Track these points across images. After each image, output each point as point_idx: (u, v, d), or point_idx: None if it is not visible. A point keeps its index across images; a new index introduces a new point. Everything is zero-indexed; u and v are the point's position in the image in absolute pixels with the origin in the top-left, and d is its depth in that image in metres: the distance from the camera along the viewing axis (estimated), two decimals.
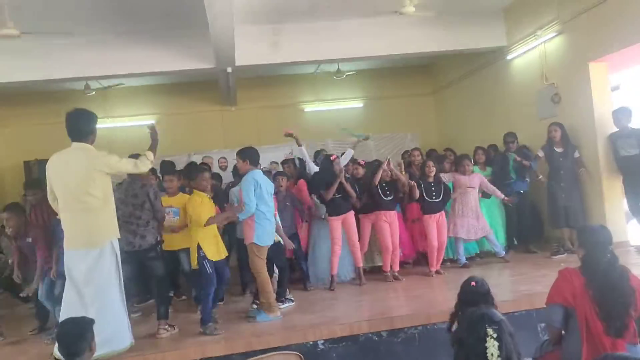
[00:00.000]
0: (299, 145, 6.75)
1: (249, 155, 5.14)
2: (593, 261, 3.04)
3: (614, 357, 1.46)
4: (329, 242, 6.29)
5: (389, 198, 6.36)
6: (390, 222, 6.37)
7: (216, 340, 4.53)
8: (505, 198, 6.82)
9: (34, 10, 6.42)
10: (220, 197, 6.33)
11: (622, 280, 2.96)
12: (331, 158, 6.34)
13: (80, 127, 4.37)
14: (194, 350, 4.40)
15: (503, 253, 6.85)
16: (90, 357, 2.84)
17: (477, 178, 6.83)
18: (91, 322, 2.99)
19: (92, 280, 4.16)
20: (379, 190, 6.30)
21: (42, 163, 5.72)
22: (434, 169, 6.55)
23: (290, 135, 6.57)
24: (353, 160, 6.85)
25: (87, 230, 4.18)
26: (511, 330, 2.06)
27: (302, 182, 6.77)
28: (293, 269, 6.52)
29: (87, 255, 4.16)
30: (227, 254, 5.21)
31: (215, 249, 4.91)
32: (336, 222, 6.21)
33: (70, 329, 2.90)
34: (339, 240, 6.23)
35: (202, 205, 4.91)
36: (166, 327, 4.85)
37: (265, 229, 5.04)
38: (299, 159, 7.23)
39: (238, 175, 6.16)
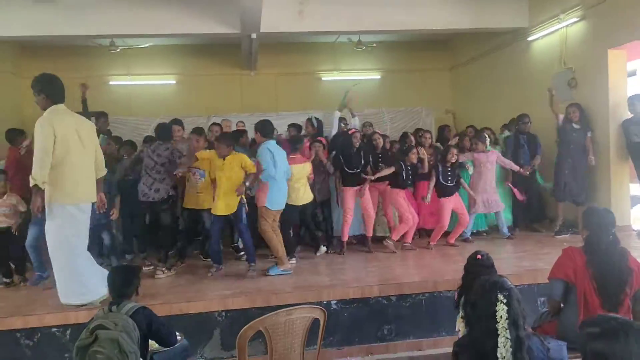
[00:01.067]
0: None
1: (260, 127, 5.70)
2: (595, 242, 3.29)
3: (605, 317, 1.70)
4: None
5: (409, 182, 6.63)
6: (404, 197, 6.64)
7: (237, 295, 4.86)
8: (521, 170, 7.04)
9: None
10: None
11: (622, 261, 3.22)
12: (349, 132, 6.58)
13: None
14: (216, 302, 4.73)
15: (508, 234, 7.09)
16: (135, 299, 3.14)
17: (494, 155, 7.05)
18: (136, 269, 3.31)
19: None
20: (403, 172, 6.51)
21: None
22: (457, 157, 6.75)
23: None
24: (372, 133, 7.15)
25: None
26: (519, 297, 2.33)
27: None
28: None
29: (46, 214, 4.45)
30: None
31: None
32: (351, 192, 6.48)
33: (118, 275, 3.20)
34: (351, 210, 6.51)
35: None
36: (163, 269, 5.62)
37: (274, 195, 5.49)
38: (316, 119, 7.50)
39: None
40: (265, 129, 5.69)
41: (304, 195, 6.16)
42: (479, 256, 3.40)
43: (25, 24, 7.52)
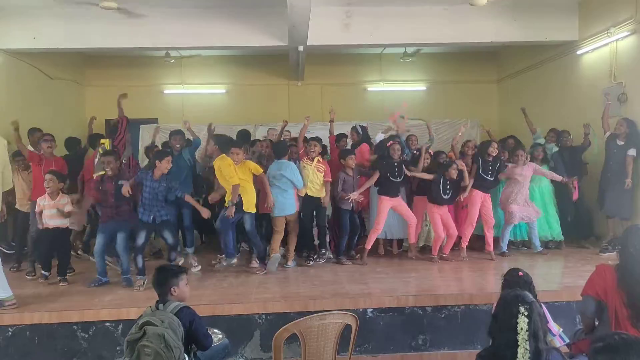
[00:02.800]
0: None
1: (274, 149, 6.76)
2: (627, 257, 3.30)
3: (611, 333, 1.76)
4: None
5: (447, 196, 6.66)
6: (442, 214, 6.71)
7: (277, 299, 5.07)
8: (564, 179, 6.97)
9: None
10: None
11: None
12: (387, 144, 6.72)
13: None
14: (257, 305, 4.96)
15: (540, 249, 7.02)
16: (174, 299, 3.32)
17: (529, 169, 6.97)
18: (175, 270, 3.46)
19: None
20: (441, 186, 6.60)
21: None
22: (498, 151, 6.85)
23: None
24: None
25: None
26: (540, 311, 2.42)
27: (364, 146, 7.26)
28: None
29: None
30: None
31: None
32: (385, 202, 6.59)
33: (157, 275, 3.39)
34: (383, 220, 6.62)
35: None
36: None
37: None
38: (361, 126, 7.71)
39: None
40: (277, 150, 6.58)
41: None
42: (520, 273, 3.46)
43: (89, 37, 8.06)
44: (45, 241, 5.87)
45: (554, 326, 3.58)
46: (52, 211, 5.77)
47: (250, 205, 6.15)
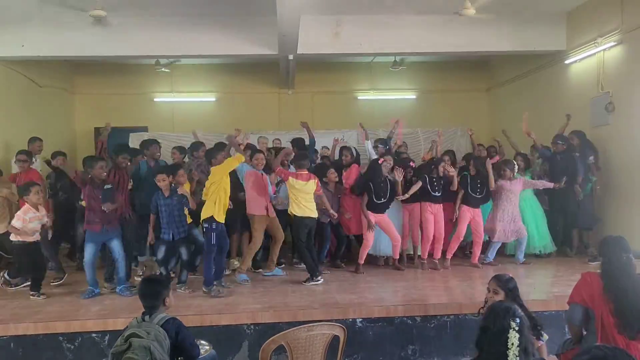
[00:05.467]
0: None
1: None
2: (610, 268, 3.32)
3: (596, 346, 1.76)
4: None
5: (437, 194, 6.69)
6: (435, 213, 6.71)
7: (265, 309, 5.03)
8: (555, 185, 6.94)
9: None
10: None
11: (638, 286, 3.23)
12: (379, 161, 6.68)
13: None
14: (245, 316, 4.92)
15: (522, 260, 7.01)
16: (164, 310, 3.30)
17: (519, 184, 6.92)
18: (164, 280, 3.46)
19: None
20: (428, 184, 6.63)
21: (112, 130, 6.46)
22: (446, 170, 6.84)
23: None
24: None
25: None
26: (528, 324, 2.42)
27: (354, 167, 7.21)
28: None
29: None
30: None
31: None
32: (370, 217, 6.54)
33: (148, 286, 3.33)
34: (373, 234, 6.59)
35: None
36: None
37: None
38: (355, 149, 7.67)
39: None
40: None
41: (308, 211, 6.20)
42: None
43: (78, 45, 8.01)
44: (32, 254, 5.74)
45: None
46: (36, 223, 5.69)
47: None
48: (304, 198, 6.11)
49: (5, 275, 6.18)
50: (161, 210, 5.78)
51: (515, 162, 7.11)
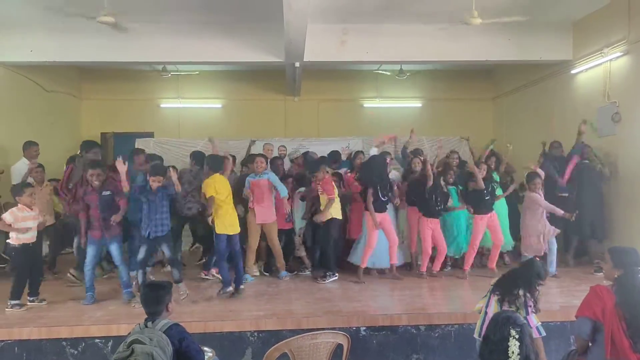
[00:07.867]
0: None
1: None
2: (629, 282, 3.25)
3: None
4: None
5: (439, 207, 6.68)
6: (433, 229, 6.69)
7: (269, 316, 5.02)
8: (566, 214, 6.58)
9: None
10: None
11: None
12: (387, 161, 6.72)
13: None
14: (249, 323, 4.91)
15: (555, 272, 6.78)
16: (167, 315, 3.30)
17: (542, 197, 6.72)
18: (167, 286, 3.42)
19: None
20: (434, 199, 6.60)
21: (118, 135, 6.51)
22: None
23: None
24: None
25: None
26: (531, 333, 2.40)
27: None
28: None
29: None
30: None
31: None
32: (379, 217, 6.50)
33: (150, 292, 3.32)
34: (375, 237, 6.55)
35: None
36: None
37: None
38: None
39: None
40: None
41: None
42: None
43: (85, 50, 8.07)
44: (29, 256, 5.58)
45: (533, 319, 3.59)
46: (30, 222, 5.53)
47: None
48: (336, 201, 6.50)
49: (71, 271, 6.42)
50: (144, 206, 5.59)
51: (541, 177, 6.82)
